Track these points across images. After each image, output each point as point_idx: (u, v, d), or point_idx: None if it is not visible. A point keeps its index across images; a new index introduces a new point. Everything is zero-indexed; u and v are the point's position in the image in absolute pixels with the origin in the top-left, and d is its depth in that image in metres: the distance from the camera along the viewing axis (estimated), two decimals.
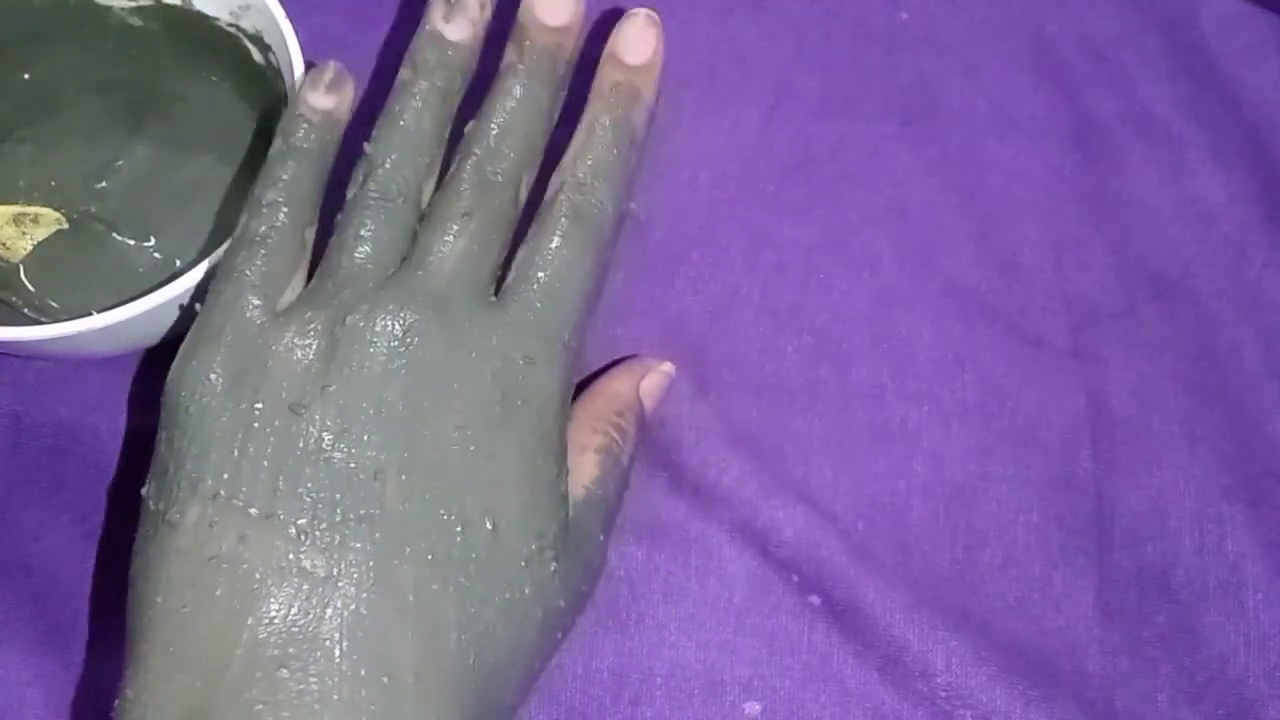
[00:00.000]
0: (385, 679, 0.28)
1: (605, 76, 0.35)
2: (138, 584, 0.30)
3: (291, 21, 0.36)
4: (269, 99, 0.38)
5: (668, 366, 0.38)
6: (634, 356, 0.38)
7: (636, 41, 0.35)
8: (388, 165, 0.33)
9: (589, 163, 0.34)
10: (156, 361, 0.39)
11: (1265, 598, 0.37)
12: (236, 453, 0.29)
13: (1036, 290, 0.41)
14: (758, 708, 0.36)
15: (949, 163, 0.42)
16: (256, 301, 0.31)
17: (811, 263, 0.41)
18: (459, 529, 0.30)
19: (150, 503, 0.30)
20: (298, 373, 0.30)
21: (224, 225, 0.39)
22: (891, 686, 0.36)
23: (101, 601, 0.37)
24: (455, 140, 0.34)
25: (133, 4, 0.39)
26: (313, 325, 0.31)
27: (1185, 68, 0.43)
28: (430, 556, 0.29)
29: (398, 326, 0.30)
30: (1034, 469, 0.39)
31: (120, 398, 0.39)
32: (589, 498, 0.33)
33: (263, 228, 0.32)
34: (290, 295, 0.32)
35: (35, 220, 0.39)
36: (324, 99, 0.34)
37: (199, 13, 0.38)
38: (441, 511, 0.30)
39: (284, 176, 0.33)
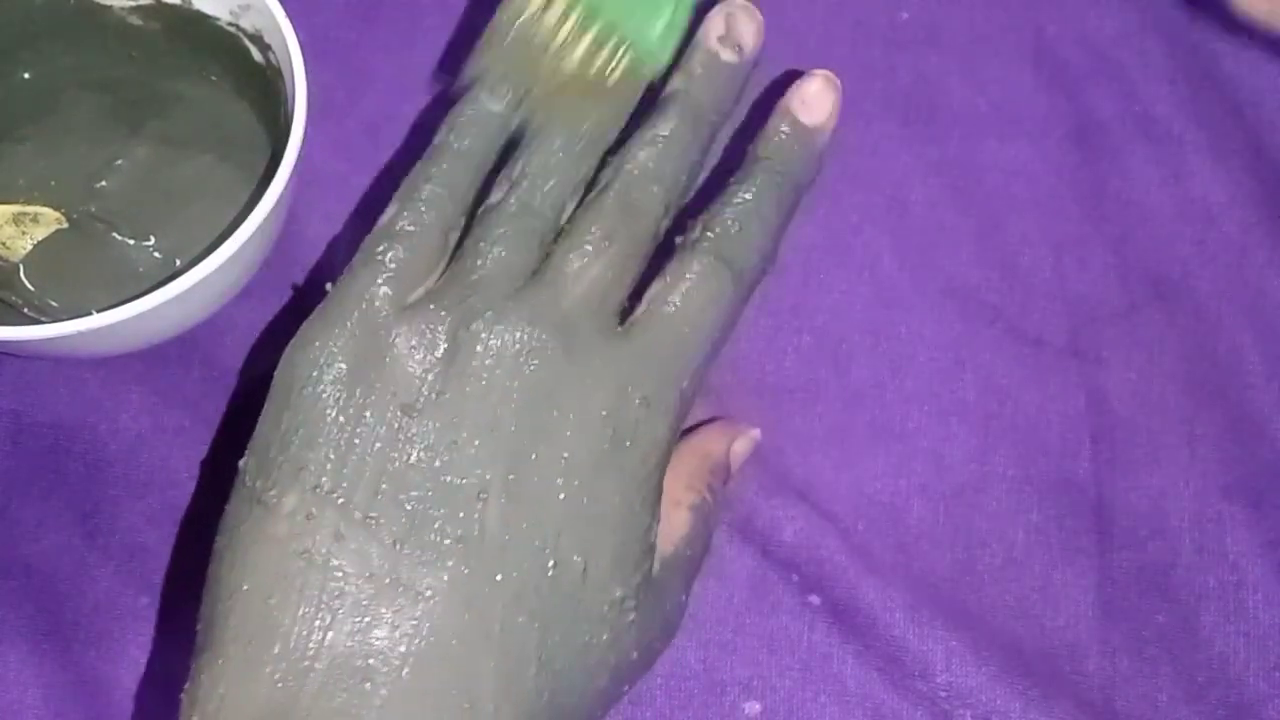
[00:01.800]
0: (467, 705, 0.27)
1: (775, 128, 0.34)
2: (223, 562, 0.29)
3: (291, 21, 0.36)
4: (269, 99, 0.38)
5: (756, 433, 0.37)
6: (722, 418, 0.37)
7: (816, 101, 0.34)
8: (535, 177, 0.32)
9: (743, 210, 0.33)
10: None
11: (1265, 598, 0.37)
12: (343, 446, 0.29)
13: (1036, 290, 0.41)
14: (758, 707, 0.36)
15: (949, 163, 0.42)
16: (388, 292, 0.30)
17: (811, 263, 0.41)
18: (551, 564, 0.29)
19: (247, 479, 0.30)
20: (415, 374, 0.30)
21: (224, 225, 0.39)
22: (891, 686, 0.36)
23: (101, 600, 0.37)
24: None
25: (132, 3, 0.39)
26: (436, 326, 0.30)
27: (1185, 68, 0.43)
28: (520, 588, 0.28)
29: (521, 344, 0.30)
30: (1034, 469, 0.39)
31: (120, 397, 0.39)
32: (676, 555, 0.32)
33: (408, 221, 0.31)
34: (420, 293, 0.31)
35: (35, 220, 0.39)
36: (496, 102, 0.33)
37: (199, 12, 0.38)
38: (537, 543, 0.29)
39: (436, 175, 0.32)
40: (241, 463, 0.30)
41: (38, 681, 0.36)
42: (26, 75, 0.40)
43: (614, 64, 0.33)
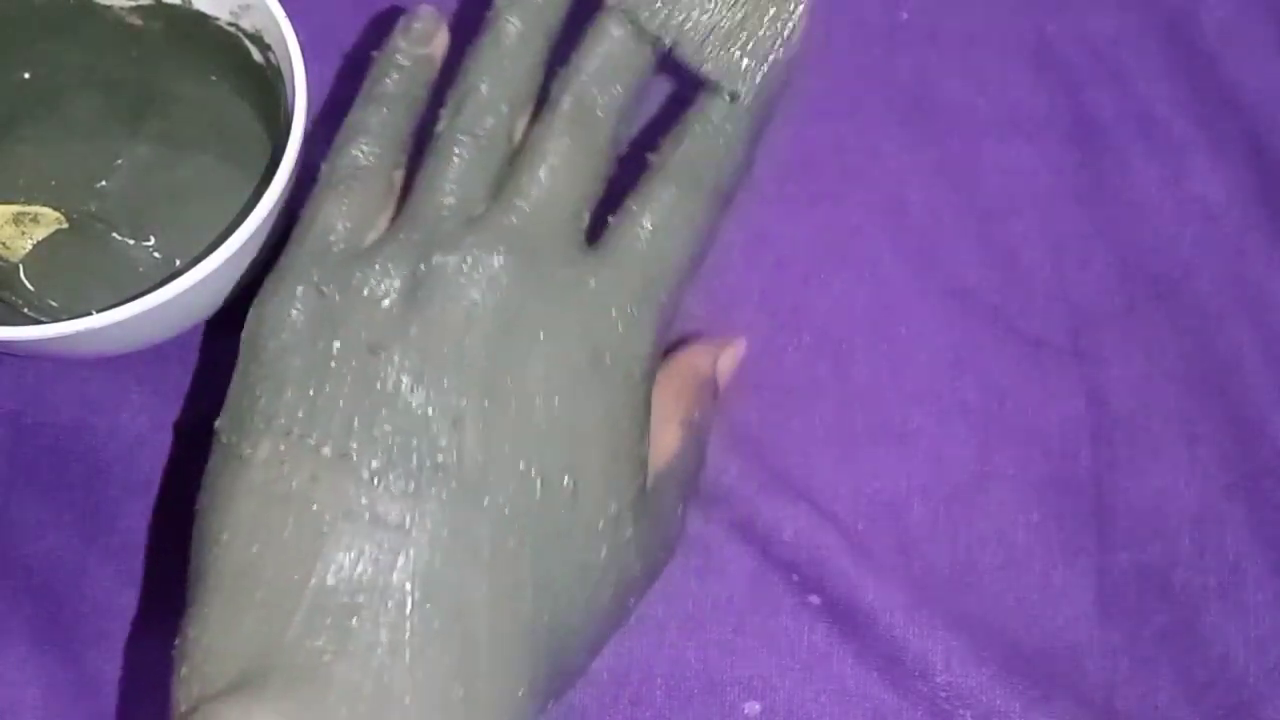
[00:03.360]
0: (459, 630, 0.27)
1: None
2: (204, 518, 0.29)
3: (291, 21, 0.36)
4: (269, 99, 0.38)
5: (741, 346, 0.37)
6: (703, 336, 0.37)
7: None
8: (479, 99, 0.32)
9: (711, 127, 0.33)
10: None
11: (1265, 598, 0.37)
12: (312, 391, 0.29)
13: (1036, 290, 0.41)
14: (758, 707, 0.36)
15: (949, 163, 0.42)
16: (340, 241, 0.31)
17: (811, 263, 0.41)
18: (538, 484, 0.29)
19: (223, 436, 0.30)
20: (378, 313, 0.30)
21: (224, 225, 0.39)
22: (891, 686, 0.36)
23: (101, 599, 0.37)
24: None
25: (132, 3, 0.39)
26: (394, 264, 0.30)
27: (1185, 68, 0.43)
28: (507, 511, 0.28)
29: (483, 269, 0.29)
30: (1034, 469, 0.39)
31: (120, 398, 0.39)
32: (670, 470, 0.32)
33: (349, 168, 0.32)
34: (374, 236, 0.32)
35: (35, 220, 0.39)
36: (416, 44, 0.34)
37: (199, 12, 0.38)
38: (521, 465, 0.29)
39: (373, 119, 0.33)
40: (217, 424, 0.30)
41: (38, 681, 0.36)
42: (26, 75, 0.40)
43: None
